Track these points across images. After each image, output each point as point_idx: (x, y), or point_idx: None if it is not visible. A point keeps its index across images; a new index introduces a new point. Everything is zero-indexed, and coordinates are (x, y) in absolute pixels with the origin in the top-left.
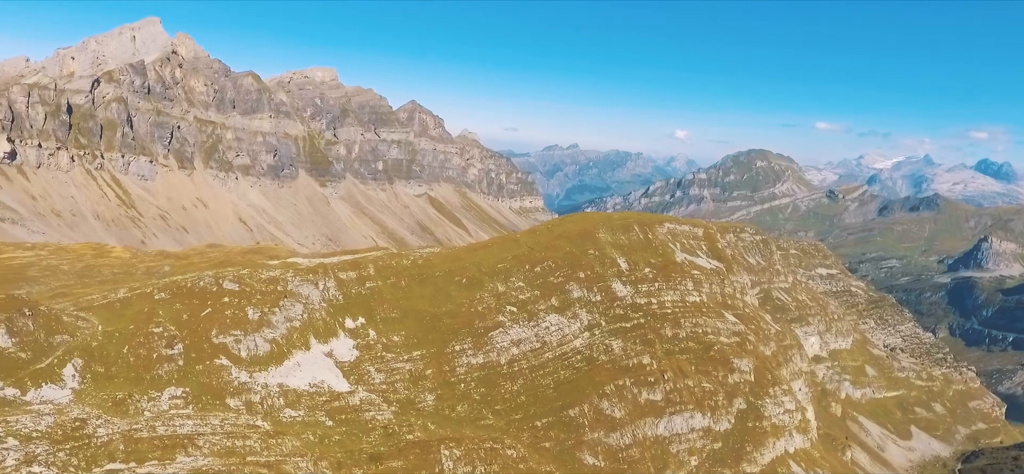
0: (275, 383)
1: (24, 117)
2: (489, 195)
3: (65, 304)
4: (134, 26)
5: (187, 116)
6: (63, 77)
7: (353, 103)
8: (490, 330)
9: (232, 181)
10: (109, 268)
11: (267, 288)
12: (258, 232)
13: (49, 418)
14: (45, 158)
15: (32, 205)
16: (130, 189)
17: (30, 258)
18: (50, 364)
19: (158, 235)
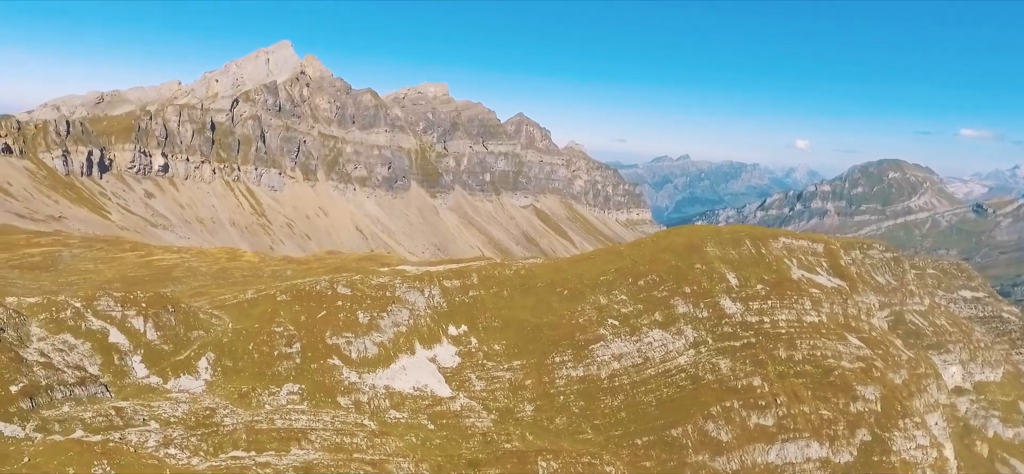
0: (382, 385)
1: (175, 134)
2: (595, 207)
3: (202, 302)
4: (269, 50)
5: (312, 131)
6: (208, 98)
7: (463, 117)
8: (591, 343)
9: (350, 192)
10: (240, 271)
11: (376, 294)
12: (372, 240)
13: (185, 405)
14: (191, 171)
15: (180, 213)
16: (261, 199)
17: (175, 260)
18: (187, 357)
19: (284, 241)
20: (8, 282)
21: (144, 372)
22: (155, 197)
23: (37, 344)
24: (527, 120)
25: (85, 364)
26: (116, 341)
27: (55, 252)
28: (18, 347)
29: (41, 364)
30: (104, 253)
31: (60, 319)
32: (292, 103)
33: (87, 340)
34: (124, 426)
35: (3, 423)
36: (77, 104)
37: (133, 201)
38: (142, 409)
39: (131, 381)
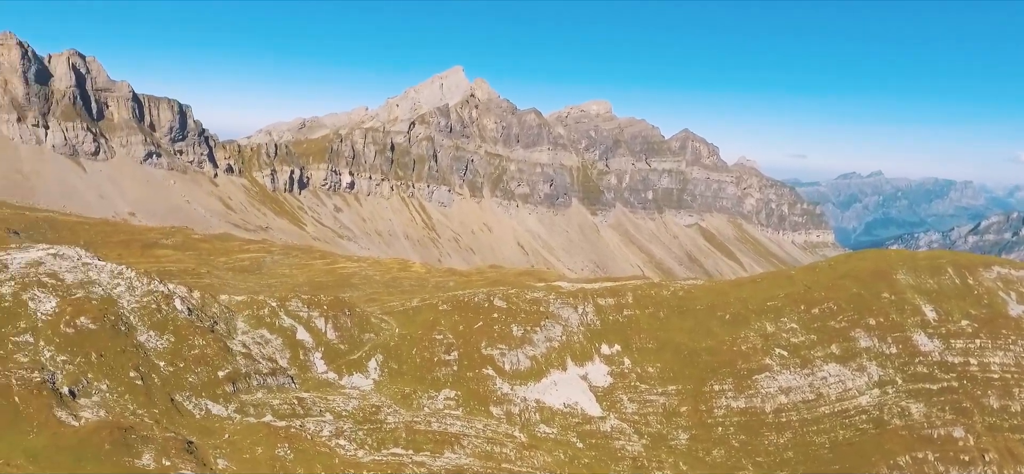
0: (533, 398)
1: (361, 155)
2: (768, 227)
3: (374, 308)
4: (443, 75)
5: (479, 150)
6: (390, 121)
7: (625, 134)
8: (755, 373)
9: (513, 208)
10: (408, 280)
11: (531, 308)
12: (533, 256)
13: (355, 401)
14: (373, 187)
15: (362, 225)
16: (432, 214)
17: (354, 269)
18: (359, 357)
19: (451, 254)
20: (223, 282)
21: (323, 368)
22: (342, 211)
23: (241, 337)
24: (693, 136)
25: (276, 357)
26: (302, 338)
27: (260, 258)
28: (226, 338)
29: (243, 354)
30: (298, 260)
31: (259, 316)
32: (462, 124)
33: (279, 336)
34: (304, 415)
35: (211, 402)
36: (285, 129)
37: (324, 214)
38: (320, 401)
39: (312, 375)
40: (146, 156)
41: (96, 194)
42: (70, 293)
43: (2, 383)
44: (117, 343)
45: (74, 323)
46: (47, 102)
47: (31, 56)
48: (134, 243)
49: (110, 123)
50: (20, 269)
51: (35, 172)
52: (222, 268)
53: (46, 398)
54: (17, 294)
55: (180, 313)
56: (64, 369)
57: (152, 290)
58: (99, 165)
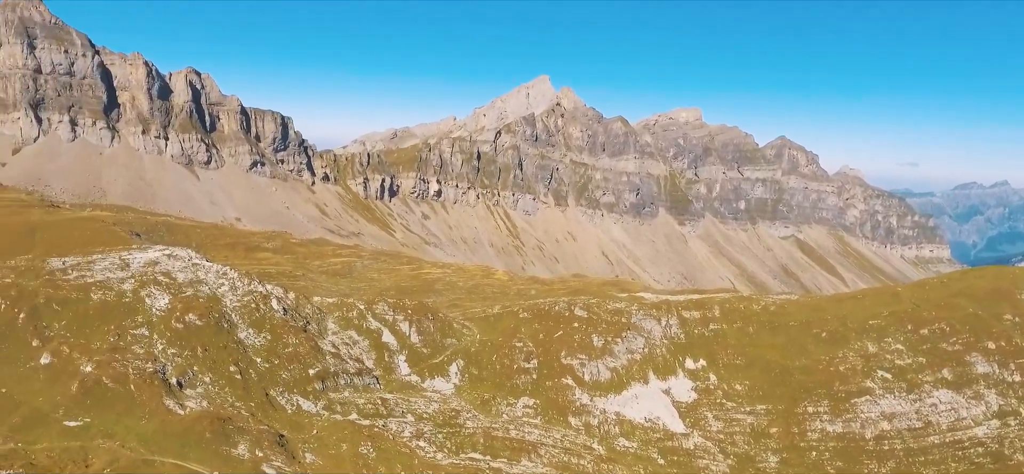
0: (612, 410)
1: (448, 163)
2: (874, 241)
3: (456, 314)
4: (529, 85)
5: (564, 159)
6: (477, 131)
7: (716, 141)
8: (853, 396)
9: (598, 217)
10: (491, 287)
11: (612, 319)
12: (618, 266)
13: (436, 404)
14: (459, 196)
15: (449, 233)
16: (516, 222)
17: (439, 275)
18: (441, 361)
19: (535, 263)
20: (317, 284)
21: (407, 370)
22: (429, 218)
23: (331, 337)
24: (790, 143)
25: (363, 358)
26: (387, 341)
27: (351, 262)
28: (317, 338)
29: (332, 354)
30: (386, 265)
31: (348, 318)
32: (547, 133)
33: (366, 337)
34: (387, 415)
35: (302, 398)
36: (377, 139)
37: (413, 222)
38: (402, 402)
39: (396, 377)
40: (251, 165)
41: (208, 200)
42: (181, 291)
43: (121, 372)
44: (220, 339)
45: (184, 319)
46: (167, 116)
47: (155, 74)
48: (239, 246)
49: (221, 135)
50: (140, 268)
51: (156, 180)
52: (316, 271)
53: (157, 388)
54: (136, 291)
55: (276, 313)
56: (173, 361)
57: (252, 290)
58: (211, 173)
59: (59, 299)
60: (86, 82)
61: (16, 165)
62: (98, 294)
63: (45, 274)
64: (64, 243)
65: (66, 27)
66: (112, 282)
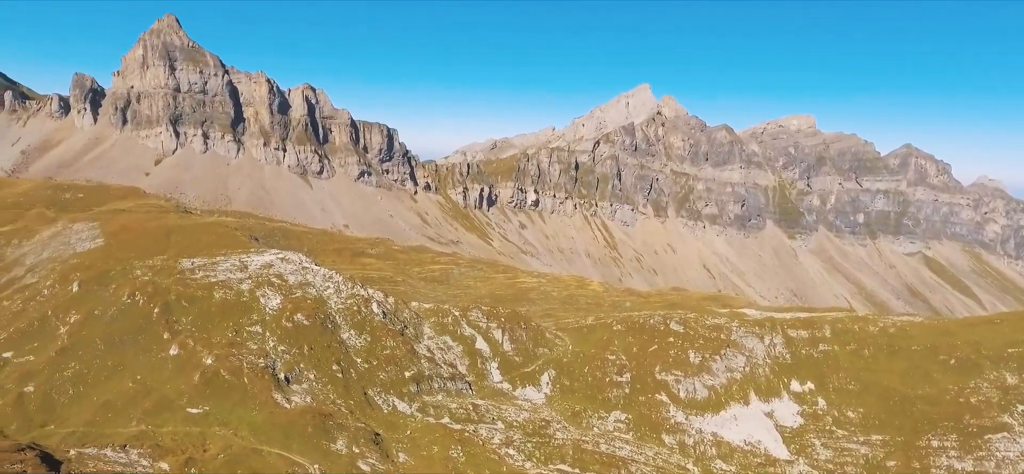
0: (709, 430)
1: (546, 173)
2: (1018, 259)
3: (549, 323)
4: (629, 94)
5: (665, 169)
6: (575, 141)
7: (831, 150)
8: (988, 432)
9: (699, 229)
10: (585, 298)
11: (710, 334)
12: (720, 280)
13: (526, 413)
14: (557, 205)
15: (545, 242)
16: (614, 233)
17: (533, 284)
18: (533, 370)
19: (632, 274)
20: (415, 290)
21: (498, 378)
22: (527, 228)
23: (426, 341)
24: (916, 152)
25: (456, 363)
26: (480, 347)
27: (449, 269)
28: (413, 342)
29: (427, 358)
30: (482, 273)
31: (443, 323)
32: (647, 142)
33: (460, 343)
34: (478, 420)
35: (398, 399)
36: (478, 150)
37: (510, 231)
38: (493, 409)
39: (488, 384)
40: (359, 175)
41: (319, 207)
42: (291, 292)
43: (236, 366)
44: (324, 338)
45: (293, 318)
46: (285, 129)
47: (275, 90)
48: (345, 251)
49: (332, 146)
50: (256, 270)
51: (274, 188)
52: (415, 277)
53: (267, 382)
54: (252, 291)
55: (376, 316)
56: (282, 358)
57: (354, 293)
58: (322, 182)
59: (188, 296)
60: (217, 99)
61: (158, 175)
62: (220, 293)
63: (177, 273)
64: (194, 245)
65: (201, 49)
66: (232, 282)
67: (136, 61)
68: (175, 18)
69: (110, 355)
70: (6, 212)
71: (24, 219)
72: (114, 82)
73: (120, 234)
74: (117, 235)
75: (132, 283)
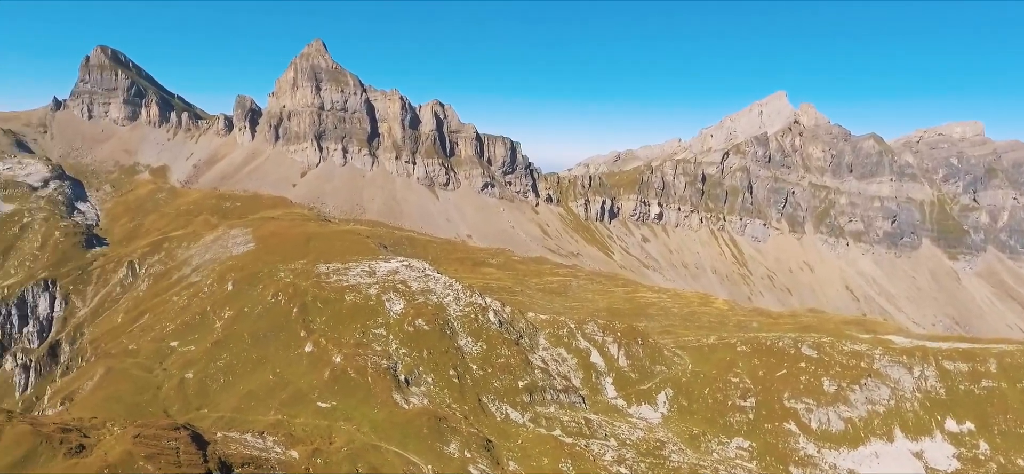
0: (845, 467)
1: (670, 186)
2: None
3: (667, 340)
4: (762, 102)
5: (802, 182)
6: (702, 152)
7: (1003, 161)
8: None
9: (841, 247)
10: (707, 316)
11: (848, 362)
12: (865, 303)
13: (640, 432)
14: (681, 219)
15: (669, 257)
16: (744, 249)
17: (653, 299)
18: (649, 388)
19: (764, 293)
20: (532, 300)
21: (613, 393)
22: (649, 242)
23: (541, 352)
24: None
25: (570, 376)
26: (595, 361)
27: (567, 281)
28: (528, 352)
29: (541, 369)
30: (601, 286)
31: (559, 335)
32: (782, 153)
33: (575, 356)
34: (590, 436)
35: (511, 408)
36: (601, 162)
37: (632, 244)
38: (606, 425)
39: (602, 399)
40: (483, 186)
41: (444, 218)
42: (414, 298)
43: (362, 365)
44: (443, 344)
45: (414, 323)
46: (415, 143)
47: (407, 107)
48: (467, 261)
49: (458, 159)
50: (383, 276)
51: (404, 199)
52: (533, 288)
53: (388, 382)
54: (379, 295)
55: (493, 324)
56: (403, 360)
57: (472, 302)
58: (448, 194)
59: (322, 298)
60: (355, 116)
61: (303, 186)
62: (350, 296)
63: (314, 277)
64: (330, 251)
65: (343, 70)
66: (361, 286)
67: (288, 83)
68: (322, 43)
69: (255, 349)
70: (180, 218)
71: (193, 225)
72: (269, 102)
73: (268, 239)
74: (266, 240)
75: (276, 284)
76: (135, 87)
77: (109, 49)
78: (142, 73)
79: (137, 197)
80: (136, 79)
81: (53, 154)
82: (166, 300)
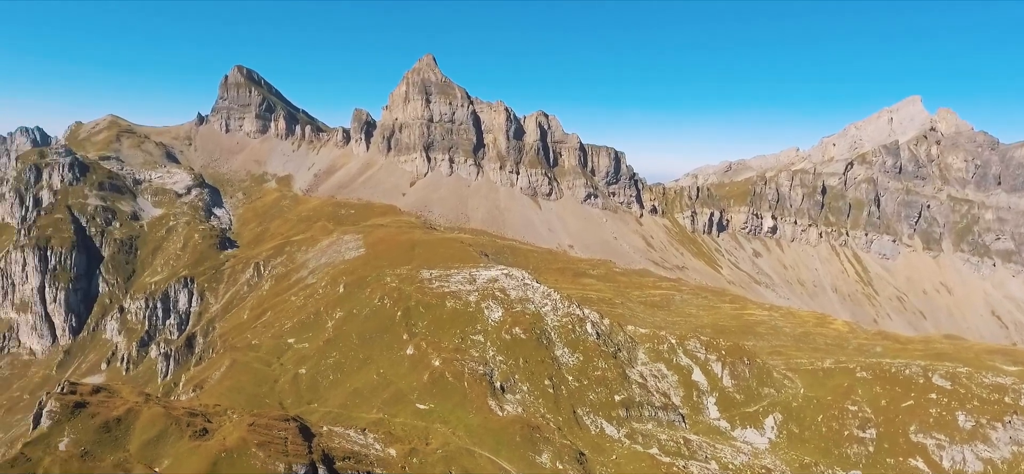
0: None
1: (786, 198)
2: None
3: (777, 362)
4: (892, 108)
5: (939, 194)
6: (823, 162)
7: None
8: None
9: (986, 267)
10: (823, 337)
11: (989, 395)
12: (1015, 331)
13: (744, 457)
14: (798, 233)
15: (782, 273)
16: (869, 267)
17: (763, 317)
18: (755, 411)
19: (892, 316)
20: (633, 313)
21: (715, 414)
22: (761, 256)
23: (639, 367)
24: None
25: (670, 393)
26: (697, 380)
27: (670, 295)
28: (626, 366)
29: (639, 384)
30: (706, 301)
31: (659, 350)
32: (915, 164)
33: (675, 373)
34: (689, 457)
35: (606, 422)
36: (710, 173)
37: (742, 259)
38: (707, 447)
39: (703, 419)
40: (585, 197)
41: (546, 228)
42: (512, 306)
43: (459, 370)
44: (539, 353)
45: (511, 331)
46: (519, 153)
47: (512, 118)
48: (567, 271)
49: (561, 169)
50: (483, 283)
51: (507, 209)
52: (634, 301)
53: (484, 388)
54: (478, 303)
55: (590, 336)
56: (499, 368)
57: (570, 312)
58: (550, 204)
59: (424, 303)
60: (462, 127)
61: (412, 195)
62: (451, 302)
63: (417, 282)
64: (433, 258)
65: (452, 83)
66: (462, 293)
67: (400, 96)
68: (432, 58)
69: (362, 349)
70: (300, 224)
71: (311, 230)
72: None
73: (377, 245)
74: (375, 246)
75: (382, 288)
76: (266, 103)
77: (244, 68)
78: (272, 90)
79: (264, 204)
80: (267, 95)
81: (196, 164)
82: (285, 300)
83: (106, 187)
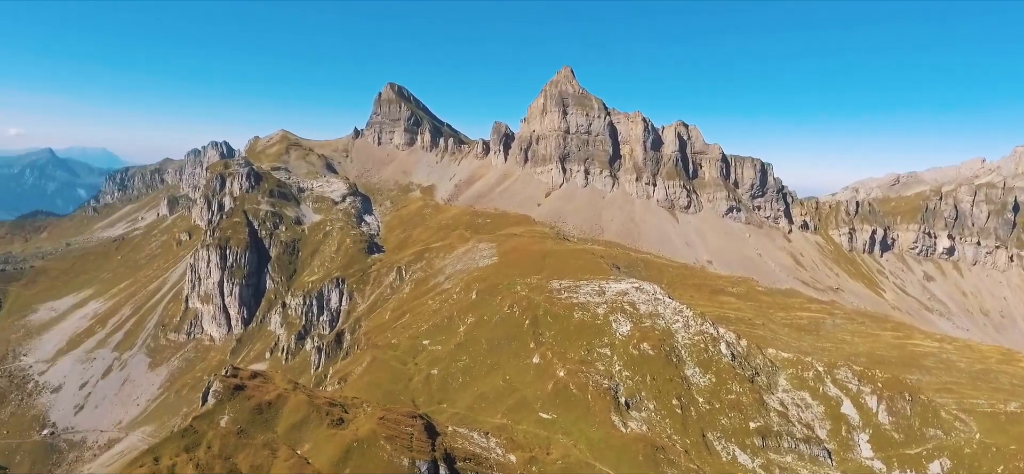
0: None
1: (966, 215)
2: None
3: (947, 400)
4: None
5: None
6: (1016, 175)
7: None
8: None
9: None
10: (1008, 376)
11: None
12: None
13: None
14: (982, 256)
15: (961, 301)
16: None
17: (931, 349)
18: (918, 454)
19: None
20: (775, 336)
21: (868, 453)
22: (934, 281)
23: (780, 394)
24: None
25: (814, 425)
26: (847, 413)
27: (820, 318)
28: (764, 392)
29: (778, 412)
30: (862, 327)
31: (802, 378)
32: None
33: (821, 403)
34: None
35: (739, 450)
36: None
37: (910, 282)
38: None
39: (852, 457)
40: (727, 210)
41: (683, 242)
42: (641, 321)
43: (583, 382)
44: (667, 371)
45: (639, 346)
46: (657, 164)
47: (650, 128)
48: (704, 288)
49: (701, 181)
50: (612, 296)
51: (642, 220)
52: (778, 323)
53: (608, 402)
54: (606, 315)
55: (724, 357)
56: (625, 383)
57: (703, 331)
58: (688, 217)
59: (552, 313)
60: (598, 138)
61: (546, 205)
62: (578, 314)
63: (546, 292)
64: (563, 269)
65: (589, 95)
66: (590, 305)
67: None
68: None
69: (490, 355)
70: (440, 231)
71: (449, 238)
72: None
73: (510, 254)
74: (507, 255)
75: (512, 296)
76: (413, 117)
77: (396, 86)
78: (420, 105)
79: (409, 212)
80: (414, 110)
81: (351, 174)
82: (423, 303)
83: (275, 195)
